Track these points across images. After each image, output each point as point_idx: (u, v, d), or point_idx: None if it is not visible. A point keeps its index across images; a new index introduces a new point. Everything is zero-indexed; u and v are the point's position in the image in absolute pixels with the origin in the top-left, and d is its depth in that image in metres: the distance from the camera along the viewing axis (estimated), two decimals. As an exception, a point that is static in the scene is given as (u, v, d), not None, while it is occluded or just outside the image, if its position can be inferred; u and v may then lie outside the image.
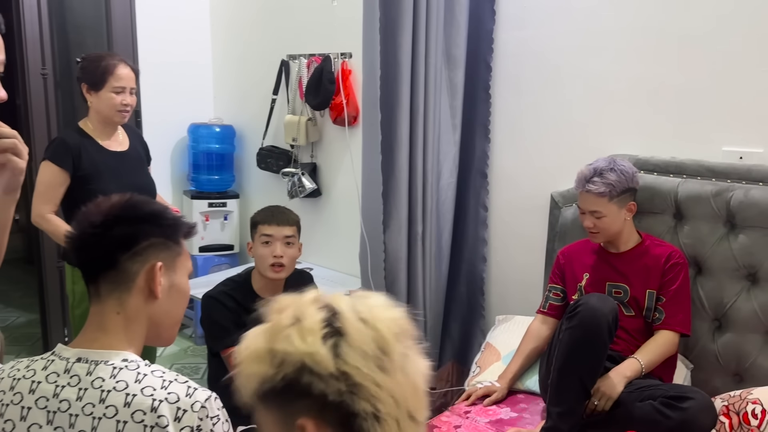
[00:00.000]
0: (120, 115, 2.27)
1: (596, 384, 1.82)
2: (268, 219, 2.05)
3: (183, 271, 1.21)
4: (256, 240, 2.06)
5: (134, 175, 2.36)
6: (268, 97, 3.54)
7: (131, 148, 2.39)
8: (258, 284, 2.08)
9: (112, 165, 2.30)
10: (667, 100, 2.28)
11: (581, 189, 2.05)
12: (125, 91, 2.25)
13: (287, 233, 2.05)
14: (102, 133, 2.31)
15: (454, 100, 2.65)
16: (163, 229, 1.17)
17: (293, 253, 2.07)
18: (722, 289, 2.11)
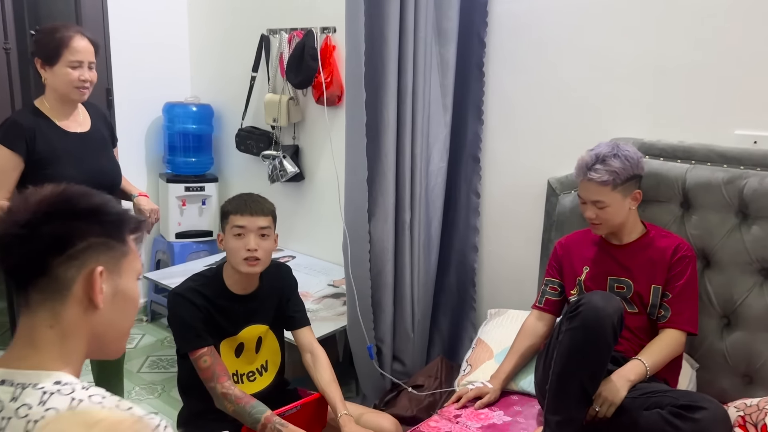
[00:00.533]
0: (78, 92, 2.07)
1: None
2: (240, 208, 1.86)
3: (130, 274, 1.04)
4: (227, 232, 1.88)
5: (96, 158, 2.17)
6: (247, 74, 3.34)
7: (93, 129, 2.19)
8: (230, 279, 1.91)
9: (71, 148, 2.11)
10: (674, 78, 2.11)
11: (582, 177, 1.88)
12: (83, 66, 2.05)
13: (262, 224, 1.87)
14: (60, 112, 2.11)
15: (444, 78, 2.46)
16: (105, 226, 0.98)
17: (269, 246, 1.89)
18: (732, 285, 1.96)
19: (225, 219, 1.88)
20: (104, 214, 0.99)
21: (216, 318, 1.87)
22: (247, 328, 1.94)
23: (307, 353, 1.99)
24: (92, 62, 2.08)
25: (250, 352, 1.97)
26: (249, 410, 1.77)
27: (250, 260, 1.85)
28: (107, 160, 2.22)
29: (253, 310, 1.95)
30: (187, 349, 1.84)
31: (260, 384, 1.99)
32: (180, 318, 1.85)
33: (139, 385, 2.96)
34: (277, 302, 2.00)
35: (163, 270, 3.38)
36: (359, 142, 2.16)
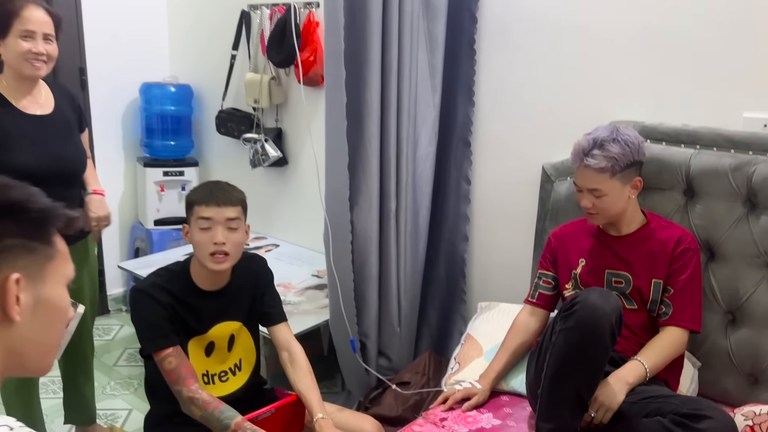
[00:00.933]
0: (30, 66, 1.88)
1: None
2: (205, 198, 1.71)
3: (56, 280, 0.90)
4: (192, 224, 1.73)
5: (56, 143, 1.99)
6: (228, 52, 3.17)
7: (56, 112, 2.01)
8: (198, 275, 1.76)
9: (28, 131, 1.93)
10: (678, 57, 1.96)
11: (578, 163, 1.74)
12: (36, 37, 1.87)
13: (230, 215, 1.72)
14: (17, 91, 1.93)
15: (433, 56, 2.30)
16: (23, 225, 0.84)
17: (238, 239, 1.74)
18: (738, 279, 1.83)
19: (190, 210, 1.74)
20: (23, 211, 0.85)
21: (182, 316, 1.73)
22: (218, 325, 1.80)
23: (284, 351, 1.86)
24: (49, 34, 1.90)
25: (221, 351, 1.83)
26: (218, 415, 1.64)
27: (217, 255, 1.70)
28: (70, 145, 2.04)
29: (223, 307, 1.81)
30: (150, 349, 1.70)
31: (233, 384, 1.86)
32: (142, 317, 1.71)
33: (114, 379, 2.83)
34: (252, 297, 1.86)
35: (142, 259, 3.24)
36: (339, 125, 2.01)
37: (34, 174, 1.86)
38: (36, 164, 1.89)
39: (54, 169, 1.94)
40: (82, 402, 2.30)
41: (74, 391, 2.28)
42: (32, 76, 1.92)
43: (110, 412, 2.58)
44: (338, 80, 1.97)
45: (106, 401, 2.64)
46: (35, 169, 1.87)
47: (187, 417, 1.72)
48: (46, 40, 1.89)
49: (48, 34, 1.90)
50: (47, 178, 1.89)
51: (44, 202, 0.90)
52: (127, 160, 3.48)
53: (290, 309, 2.53)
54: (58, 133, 2.00)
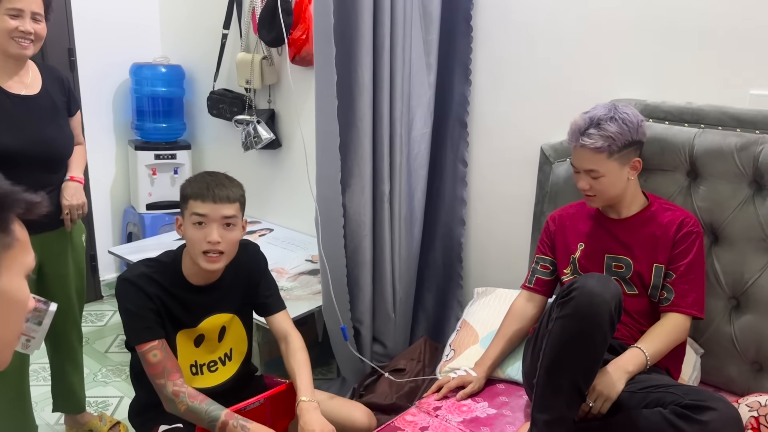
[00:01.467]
0: (16, 44, 1.82)
1: None
2: (202, 194, 1.61)
3: (14, 270, 0.83)
4: (186, 218, 1.64)
5: (40, 125, 1.92)
6: (219, 32, 3.08)
7: (42, 93, 1.94)
8: (189, 270, 1.68)
9: (10, 110, 1.86)
10: (682, 32, 1.88)
11: (575, 143, 1.67)
12: (23, 15, 1.81)
13: (227, 213, 1.62)
14: (2, 70, 1.87)
15: (428, 33, 2.22)
16: None
17: (234, 237, 1.66)
18: (743, 263, 1.77)
19: (184, 203, 1.64)
20: None
21: (171, 309, 1.66)
22: (209, 318, 1.74)
23: (282, 340, 1.79)
24: (37, 13, 1.84)
25: (211, 342, 1.77)
26: (206, 408, 1.58)
27: (211, 254, 1.62)
28: (53, 128, 1.96)
29: (215, 301, 1.74)
30: (135, 341, 1.64)
31: (223, 375, 1.80)
32: (128, 307, 1.64)
33: (106, 366, 2.79)
34: (245, 287, 1.79)
35: (133, 244, 3.18)
36: (330, 104, 1.94)
37: (13, 155, 1.83)
38: (14, 145, 1.83)
39: (34, 151, 1.88)
40: (69, 391, 2.26)
41: (62, 380, 2.24)
42: (18, 55, 1.85)
43: (101, 399, 2.54)
44: (328, 58, 1.89)
45: (97, 388, 2.60)
46: (14, 150, 1.83)
47: (172, 406, 1.67)
48: (34, 19, 1.84)
49: (36, 13, 1.84)
50: (27, 160, 1.86)
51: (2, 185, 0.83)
52: (118, 143, 3.41)
53: (283, 295, 2.44)
54: (42, 115, 1.93)
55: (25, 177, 1.85)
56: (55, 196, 1.97)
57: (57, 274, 2.06)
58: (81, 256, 2.15)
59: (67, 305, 2.12)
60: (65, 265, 2.07)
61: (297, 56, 2.72)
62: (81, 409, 2.30)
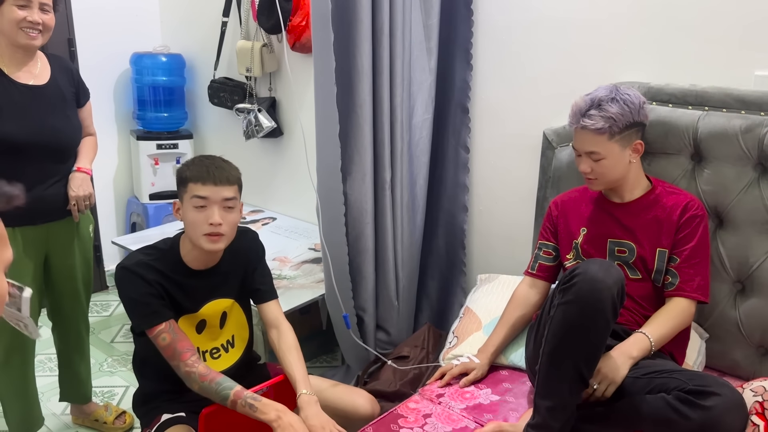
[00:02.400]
0: (25, 34, 1.83)
1: None
2: (202, 176, 1.61)
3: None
4: (185, 202, 1.64)
5: (46, 114, 1.92)
6: (219, 19, 3.06)
7: (50, 84, 1.95)
8: (189, 255, 1.69)
9: (18, 100, 1.87)
10: (685, 13, 1.85)
11: (576, 125, 1.65)
12: (32, 6, 1.82)
13: (227, 195, 1.63)
14: (11, 60, 1.88)
15: (428, 17, 2.19)
16: None
17: (234, 219, 1.67)
18: (748, 246, 1.75)
19: (183, 186, 1.65)
20: None
21: (172, 294, 1.67)
22: (209, 303, 1.74)
23: (273, 329, 1.80)
24: (45, 4, 1.85)
25: (213, 328, 1.78)
26: (215, 387, 1.59)
27: (212, 236, 1.63)
28: (60, 118, 1.96)
29: (215, 285, 1.74)
30: (143, 326, 1.64)
31: (226, 362, 1.80)
32: (130, 295, 1.64)
33: (111, 356, 2.80)
34: (243, 273, 1.79)
35: (137, 234, 3.18)
36: (329, 91, 1.92)
37: (19, 144, 1.85)
38: (20, 134, 1.85)
39: (40, 141, 1.89)
40: (76, 380, 2.27)
41: (69, 369, 2.25)
42: (27, 46, 1.86)
43: (107, 389, 2.55)
44: (326, 44, 1.87)
45: (103, 378, 2.61)
46: (20, 139, 1.85)
47: (175, 395, 1.67)
48: (42, 9, 1.85)
49: (44, 4, 1.85)
50: (33, 150, 1.88)
51: None
52: (120, 134, 3.40)
53: (286, 284, 2.48)
54: (49, 105, 1.94)
55: (32, 166, 1.88)
56: (62, 186, 1.97)
57: (63, 264, 2.07)
58: (88, 246, 2.15)
59: (74, 295, 2.13)
60: (71, 256, 2.07)
61: (297, 43, 2.70)
62: (87, 399, 2.32)
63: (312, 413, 1.59)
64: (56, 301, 2.13)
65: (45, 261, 2.03)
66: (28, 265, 1.96)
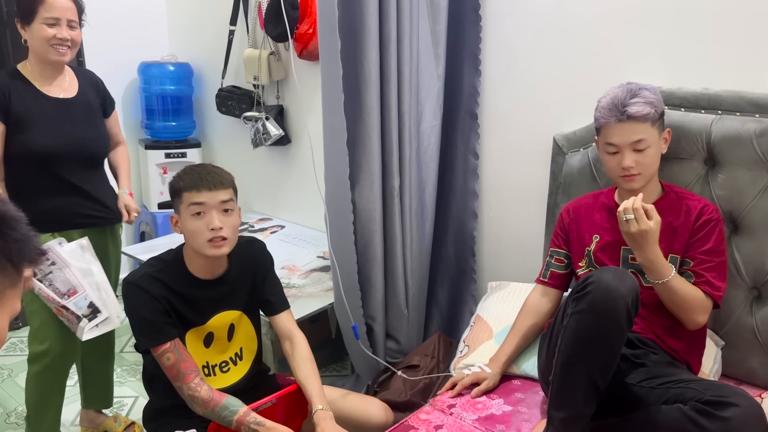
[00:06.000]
0: (55, 51, 1.92)
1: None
2: (196, 184, 1.61)
3: (8, 309, 0.83)
4: (182, 212, 1.64)
5: (78, 126, 2.02)
6: (226, 28, 3.06)
7: (79, 96, 2.04)
8: (194, 264, 1.68)
9: (50, 113, 1.97)
10: (697, 15, 1.82)
11: (616, 117, 1.60)
12: (60, 24, 1.91)
13: (224, 198, 1.63)
14: (41, 75, 1.98)
15: (435, 23, 2.18)
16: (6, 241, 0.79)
17: (234, 222, 1.66)
18: (764, 252, 1.72)
19: (178, 197, 1.64)
20: (11, 228, 0.79)
21: (178, 308, 1.66)
22: (217, 315, 1.73)
23: (286, 340, 1.79)
24: (73, 21, 1.94)
25: (221, 341, 1.76)
26: (219, 412, 1.58)
27: (215, 241, 1.62)
28: (90, 128, 2.06)
29: (222, 296, 1.73)
30: (146, 345, 1.63)
31: (235, 375, 1.79)
32: (136, 311, 1.63)
33: (121, 366, 2.79)
34: (251, 284, 1.78)
35: (147, 243, 3.18)
36: (336, 99, 1.91)
37: (54, 154, 1.94)
38: (56, 144, 1.95)
39: (74, 151, 1.99)
40: (104, 384, 2.31)
41: (95, 373, 2.28)
42: (57, 62, 1.95)
43: (116, 399, 2.54)
44: (333, 52, 1.86)
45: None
46: (54, 149, 1.96)
47: (186, 410, 1.66)
48: (70, 26, 1.93)
49: (72, 21, 1.94)
50: (69, 159, 1.98)
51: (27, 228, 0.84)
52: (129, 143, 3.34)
53: (295, 292, 2.46)
54: (80, 117, 2.03)
55: (69, 173, 1.98)
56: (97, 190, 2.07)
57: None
58: (119, 249, 2.25)
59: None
60: (106, 260, 2.13)
61: (304, 51, 2.69)
62: (111, 403, 2.35)
63: (327, 427, 1.58)
64: None
65: None
66: None
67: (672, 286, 1.54)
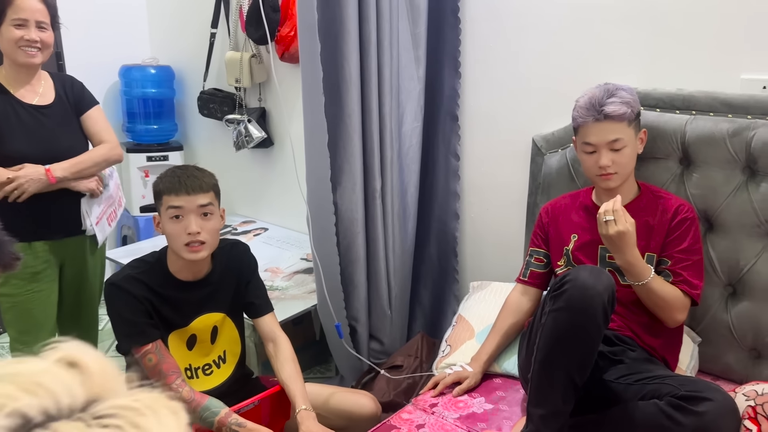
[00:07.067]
0: (24, 53, 1.88)
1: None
2: (174, 187, 1.61)
3: None
4: (163, 214, 1.64)
5: (55, 133, 1.98)
6: (207, 30, 3.05)
7: (56, 102, 2.00)
8: (175, 266, 1.68)
9: (27, 120, 1.93)
10: (671, 17, 1.85)
11: (593, 117, 1.62)
12: (28, 25, 1.87)
13: (202, 202, 1.62)
14: (16, 81, 1.94)
15: (415, 26, 2.19)
16: None
17: (214, 226, 1.66)
18: (738, 250, 1.75)
19: (158, 199, 1.64)
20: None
21: (161, 309, 1.66)
22: (200, 317, 1.73)
23: (270, 342, 1.79)
24: (42, 22, 1.90)
25: (204, 344, 1.76)
26: (200, 414, 1.58)
27: (192, 245, 1.62)
28: (70, 137, 2.02)
29: (205, 298, 1.73)
30: (128, 346, 1.63)
31: (218, 377, 1.79)
32: (118, 312, 1.63)
33: (104, 370, 2.78)
34: (235, 286, 1.78)
35: (129, 247, 3.16)
36: (317, 101, 1.92)
37: (31, 162, 1.88)
38: (33, 153, 1.91)
39: (50, 158, 1.95)
40: None
41: None
42: (27, 64, 1.91)
43: None
44: (313, 54, 1.87)
45: (95, 393, 2.59)
46: (32, 157, 1.91)
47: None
48: (39, 27, 1.89)
49: (41, 22, 1.89)
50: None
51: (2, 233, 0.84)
52: (110, 146, 3.38)
53: (278, 294, 2.47)
54: (56, 123, 1.99)
55: None
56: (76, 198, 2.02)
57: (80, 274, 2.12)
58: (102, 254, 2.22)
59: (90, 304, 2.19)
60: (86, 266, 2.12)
61: (286, 53, 2.70)
62: None
63: (311, 428, 1.59)
64: (72, 312, 2.15)
65: (60, 271, 2.07)
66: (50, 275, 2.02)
67: (651, 287, 1.57)
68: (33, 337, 1.99)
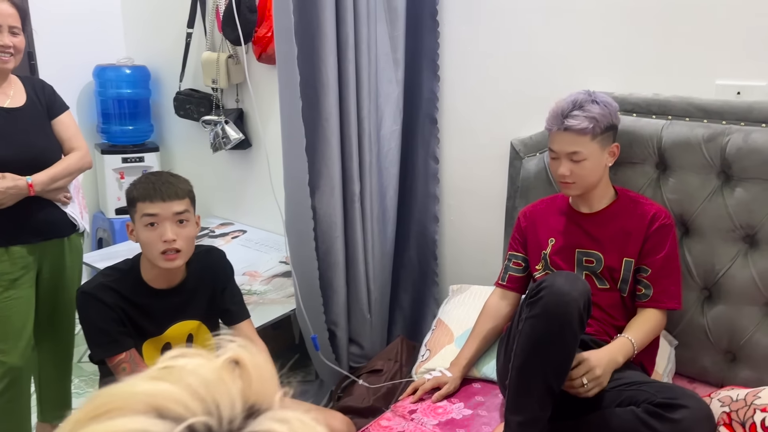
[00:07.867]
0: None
1: (584, 357, 1.48)
2: (149, 194, 1.57)
3: None
4: (137, 222, 1.60)
5: (28, 136, 1.95)
6: (184, 30, 3.01)
7: (28, 105, 1.97)
8: (149, 274, 1.65)
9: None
10: (647, 23, 1.87)
11: (557, 127, 1.63)
12: (1, 30, 1.85)
13: (177, 209, 1.59)
14: None
15: (394, 29, 2.18)
16: None
17: (189, 233, 1.63)
18: (714, 254, 1.77)
19: (132, 207, 1.61)
20: None
21: (134, 318, 1.63)
22: (174, 326, 1.70)
23: None
24: (15, 27, 1.88)
25: None
26: None
27: (168, 253, 1.58)
28: (43, 138, 1.99)
29: (179, 306, 1.70)
30: (101, 356, 1.59)
31: (194, 385, 1.76)
32: (90, 321, 1.60)
33: (79, 376, 2.72)
34: (210, 294, 1.75)
35: (105, 250, 3.10)
36: (294, 104, 1.89)
37: (3, 164, 1.85)
38: (6, 155, 1.88)
39: (23, 160, 1.92)
40: (61, 397, 2.25)
41: (54, 387, 2.22)
42: (0, 69, 1.89)
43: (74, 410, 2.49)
44: (290, 57, 1.85)
45: (69, 400, 2.54)
46: (5, 159, 1.88)
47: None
48: (12, 32, 1.87)
49: (13, 27, 1.87)
50: (18, 169, 1.89)
51: None
52: (85, 148, 3.32)
53: (256, 299, 2.44)
54: (28, 126, 1.96)
55: None
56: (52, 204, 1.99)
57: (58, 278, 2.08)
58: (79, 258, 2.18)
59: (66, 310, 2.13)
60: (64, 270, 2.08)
61: (263, 54, 2.67)
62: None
63: None
64: (49, 316, 2.11)
65: (38, 275, 2.03)
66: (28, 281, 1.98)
67: (640, 345, 1.59)
68: (11, 345, 1.95)
